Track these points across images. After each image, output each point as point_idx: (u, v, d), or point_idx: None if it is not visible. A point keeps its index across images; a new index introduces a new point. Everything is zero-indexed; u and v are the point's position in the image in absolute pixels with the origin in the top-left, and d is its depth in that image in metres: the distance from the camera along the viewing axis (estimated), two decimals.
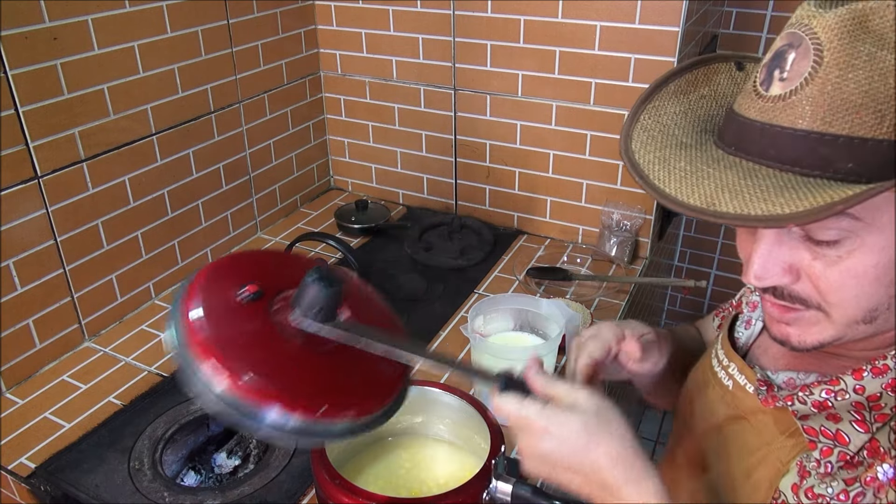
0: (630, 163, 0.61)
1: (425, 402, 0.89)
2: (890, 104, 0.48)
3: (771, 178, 0.52)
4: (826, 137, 0.49)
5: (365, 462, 0.88)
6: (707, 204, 0.52)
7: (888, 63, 0.48)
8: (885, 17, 0.48)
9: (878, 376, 0.57)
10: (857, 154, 0.49)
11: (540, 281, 1.43)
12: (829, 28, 0.49)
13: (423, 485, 0.85)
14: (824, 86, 0.49)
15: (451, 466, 0.87)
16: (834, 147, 0.49)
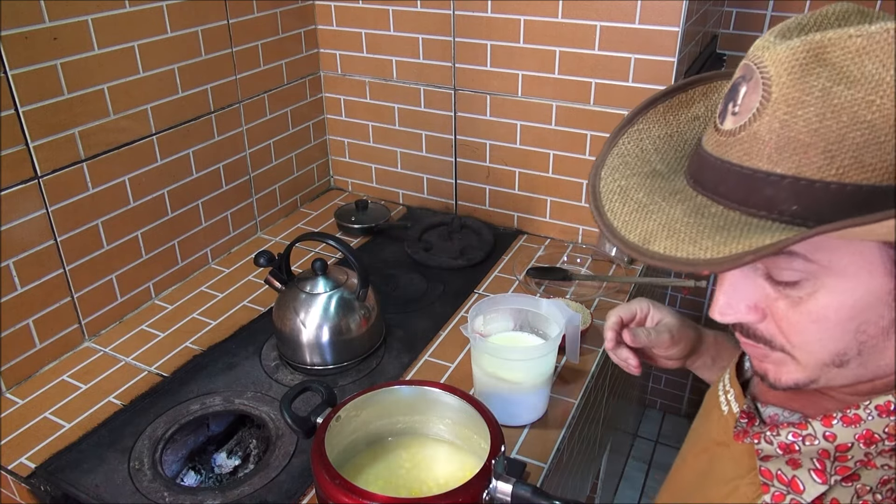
0: (592, 192, 0.59)
1: (425, 402, 0.89)
2: (841, 144, 0.45)
3: (716, 216, 0.50)
4: (771, 177, 0.47)
5: (365, 462, 0.88)
6: (643, 241, 0.51)
7: (843, 99, 0.44)
8: (846, 49, 0.44)
9: (849, 426, 0.54)
10: (803, 196, 0.46)
11: (540, 281, 1.43)
12: (778, 62, 0.46)
13: (424, 485, 0.85)
14: (771, 123, 0.47)
15: (451, 466, 0.87)
16: (778, 188, 0.47)
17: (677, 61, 1.31)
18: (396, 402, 0.89)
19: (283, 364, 1.21)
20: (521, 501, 0.74)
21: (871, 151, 0.44)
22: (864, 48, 0.44)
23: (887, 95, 0.43)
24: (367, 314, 1.19)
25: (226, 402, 1.12)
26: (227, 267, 1.51)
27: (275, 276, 1.18)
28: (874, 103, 0.44)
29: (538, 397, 1.07)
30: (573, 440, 1.15)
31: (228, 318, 1.34)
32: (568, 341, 1.11)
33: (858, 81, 0.44)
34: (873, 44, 0.44)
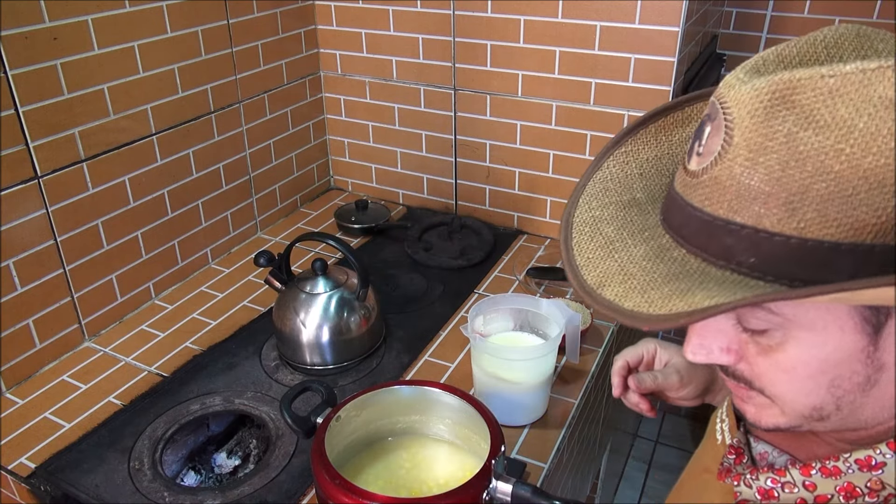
0: (565, 222, 0.57)
1: (425, 402, 0.89)
2: (804, 196, 0.41)
3: (675, 261, 0.48)
4: (731, 226, 0.44)
5: (365, 462, 0.88)
6: (598, 285, 0.49)
7: (809, 146, 0.41)
8: (817, 90, 0.40)
9: (828, 477, 0.52)
10: (762, 249, 0.43)
11: (540, 281, 1.43)
12: (742, 103, 0.43)
13: (424, 485, 0.85)
14: (732, 168, 0.43)
15: (451, 466, 0.87)
16: (738, 237, 0.44)
17: (677, 61, 1.31)
18: (396, 402, 0.89)
19: (283, 364, 1.21)
20: (521, 501, 0.74)
21: (836, 205, 0.40)
22: (836, 90, 0.40)
23: (858, 144, 0.39)
24: (367, 314, 1.19)
25: (226, 402, 1.12)
26: (227, 267, 1.51)
27: (275, 276, 1.18)
28: (843, 152, 0.40)
29: (538, 397, 1.07)
30: (573, 440, 1.15)
31: (228, 318, 1.34)
32: (568, 341, 1.11)
33: (828, 127, 0.40)
34: (847, 85, 0.40)
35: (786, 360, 0.48)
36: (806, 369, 0.48)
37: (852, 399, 0.49)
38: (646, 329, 0.45)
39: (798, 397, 0.50)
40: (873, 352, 0.46)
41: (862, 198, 0.40)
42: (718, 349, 0.51)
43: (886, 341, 0.46)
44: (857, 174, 0.40)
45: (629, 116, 1.40)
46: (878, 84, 0.39)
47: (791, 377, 0.49)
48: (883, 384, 0.48)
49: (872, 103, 0.39)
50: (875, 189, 0.40)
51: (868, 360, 0.47)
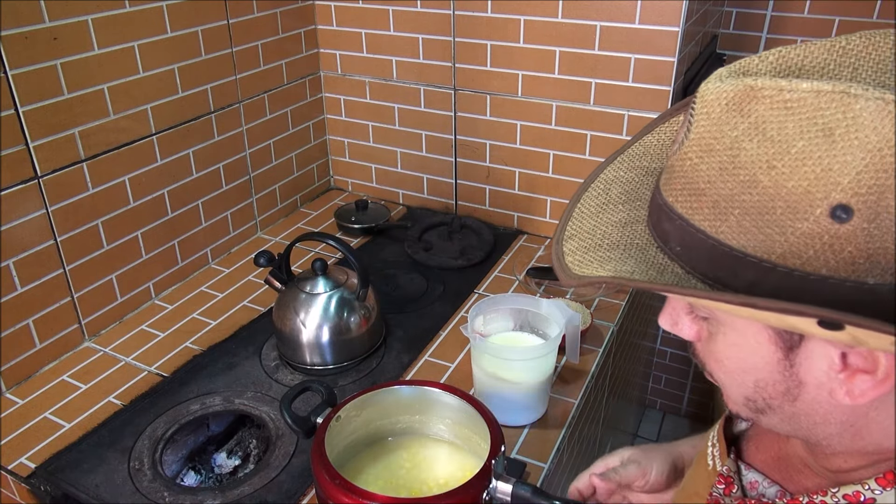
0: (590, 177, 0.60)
1: (425, 402, 0.89)
2: (730, 202, 0.42)
3: (634, 233, 0.51)
4: (671, 213, 0.47)
5: (365, 462, 0.88)
6: (569, 236, 0.53)
7: (748, 156, 0.41)
8: (774, 102, 0.40)
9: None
10: (686, 240, 0.45)
11: (540, 281, 1.43)
12: (705, 102, 0.44)
13: (424, 485, 0.85)
14: (683, 162, 0.45)
15: (451, 466, 0.87)
16: (672, 225, 0.47)
17: (677, 61, 1.31)
18: (396, 402, 0.89)
19: (283, 364, 1.21)
20: (521, 501, 0.74)
21: (753, 217, 0.42)
22: (790, 106, 0.40)
23: (788, 164, 0.40)
24: (367, 314, 1.19)
25: (226, 402, 1.12)
26: (227, 267, 1.51)
27: (275, 276, 1.18)
28: (774, 168, 0.40)
29: (538, 397, 1.07)
30: (573, 440, 1.15)
31: (228, 318, 1.34)
32: (568, 341, 1.11)
33: (771, 141, 0.40)
34: (800, 104, 0.39)
35: (717, 350, 0.51)
36: (730, 363, 0.50)
37: (780, 403, 0.49)
38: (563, 284, 0.50)
39: (731, 386, 0.52)
40: (789, 367, 0.47)
41: (777, 217, 0.41)
42: (684, 324, 0.54)
43: (804, 361, 0.46)
44: (780, 193, 0.40)
45: (629, 116, 1.40)
46: (826, 109, 0.39)
47: (720, 366, 0.52)
48: (807, 401, 0.48)
49: (816, 127, 0.39)
50: (789, 211, 0.40)
51: (786, 373, 0.47)
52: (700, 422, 2.36)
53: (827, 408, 0.47)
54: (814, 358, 0.45)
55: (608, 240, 0.52)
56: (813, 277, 0.40)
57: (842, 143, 0.38)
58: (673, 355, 2.30)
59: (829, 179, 0.38)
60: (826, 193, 0.39)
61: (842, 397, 0.45)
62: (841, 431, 0.49)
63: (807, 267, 0.40)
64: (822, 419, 0.48)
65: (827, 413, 0.48)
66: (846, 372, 0.44)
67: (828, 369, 0.45)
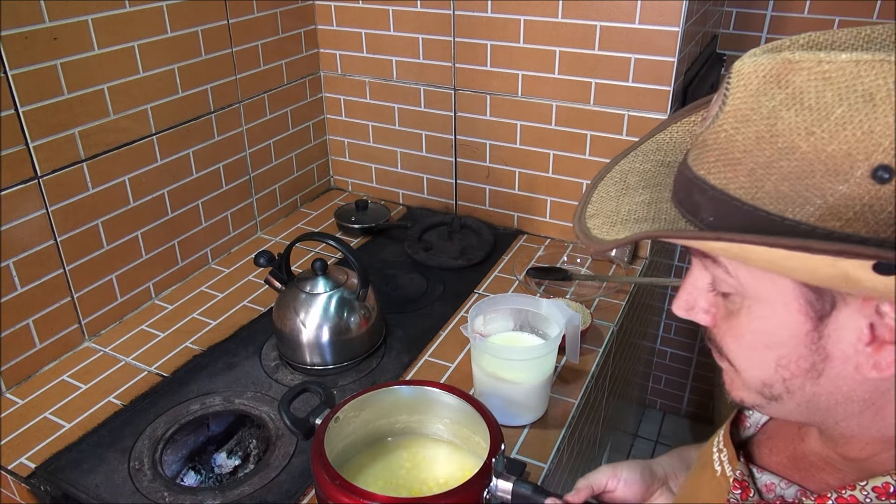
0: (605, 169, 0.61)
1: (424, 402, 0.89)
2: (768, 170, 0.44)
3: (659, 210, 0.52)
4: (704, 185, 0.48)
5: (364, 462, 0.88)
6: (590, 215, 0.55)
7: (786, 124, 0.43)
8: (812, 73, 0.42)
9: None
10: (720, 210, 0.47)
11: (540, 281, 1.43)
12: (742, 76, 0.46)
13: (424, 484, 0.85)
14: (718, 134, 0.47)
15: (450, 466, 0.87)
16: (704, 196, 0.48)
17: (677, 61, 1.31)
18: (395, 403, 0.89)
19: (283, 364, 1.21)
20: (522, 499, 0.74)
21: (791, 182, 0.43)
22: (828, 76, 0.42)
23: (828, 129, 0.41)
24: (367, 314, 1.19)
25: (226, 402, 1.12)
26: (227, 267, 1.51)
27: (275, 276, 1.18)
28: (813, 134, 0.42)
29: (538, 397, 1.07)
30: (573, 440, 1.15)
31: (228, 318, 1.34)
32: (568, 341, 1.11)
33: (810, 109, 0.42)
34: (839, 73, 0.41)
35: (738, 326, 0.51)
36: (752, 338, 0.50)
37: (801, 384, 0.49)
38: (591, 250, 0.52)
39: (749, 368, 0.52)
40: (818, 339, 0.47)
41: (816, 180, 0.42)
42: (700, 307, 0.54)
43: (832, 333, 0.46)
44: (819, 157, 0.42)
45: (629, 116, 1.40)
46: (865, 76, 0.40)
47: (740, 344, 0.51)
48: (832, 376, 0.48)
49: (855, 94, 0.41)
50: (829, 174, 0.41)
51: (813, 346, 0.47)
52: (700, 422, 2.36)
53: (851, 384, 0.48)
54: (843, 329, 0.46)
55: (634, 215, 0.53)
56: (853, 239, 0.41)
57: (883, 107, 0.40)
58: (673, 355, 2.30)
59: (870, 141, 0.40)
60: (867, 155, 0.40)
61: (868, 371, 0.46)
62: (862, 410, 0.49)
63: (846, 228, 0.41)
64: (845, 397, 0.49)
65: (850, 390, 0.48)
66: (874, 344, 0.45)
67: (856, 341, 0.45)
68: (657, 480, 0.80)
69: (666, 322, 2.25)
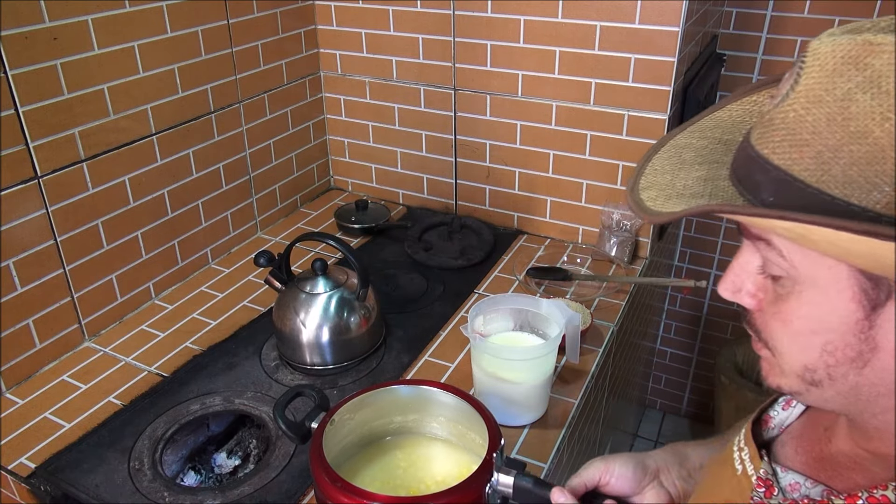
0: (658, 142, 0.61)
1: (419, 401, 0.89)
2: (837, 153, 0.43)
3: (715, 186, 0.52)
4: (766, 165, 0.47)
5: (361, 464, 0.88)
6: (644, 187, 0.55)
7: (861, 107, 0.42)
8: (893, 56, 0.41)
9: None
10: (781, 191, 0.46)
11: (540, 281, 1.43)
12: (818, 55, 0.45)
13: (422, 483, 0.85)
14: (787, 113, 0.46)
15: (448, 464, 0.87)
16: (766, 176, 0.47)
17: (677, 61, 1.31)
18: (390, 403, 0.89)
19: (283, 364, 1.21)
20: (523, 492, 0.74)
21: (861, 167, 0.42)
22: None
23: None
24: (367, 314, 1.19)
25: (226, 402, 1.12)
26: (227, 267, 1.51)
27: (275, 276, 1.18)
28: (889, 119, 0.41)
29: (538, 397, 1.07)
30: (573, 440, 1.15)
31: (228, 318, 1.34)
32: (568, 341, 1.11)
33: (887, 94, 0.41)
34: None
35: (787, 309, 0.50)
36: (801, 323, 0.49)
37: (844, 372, 0.49)
38: (645, 220, 0.51)
39: (792, 352, 0.51)
40: (868, 328, 0.47)
41: (887, 167, 0.41)
42: (746, 291, 0.53)
43: (884, 323, 0.46)
44: (893, 144, 0.41)
45: (629, 116, 1.40)
46: None
47: (786, 328, 0.51)
48: (877, 368, 0.48)
49: None
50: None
51: (862, 335, 0.47)
52: (700, 422, 2.36)
53: (894, 377, 0.48)
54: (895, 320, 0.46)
55: (690, 191, 0.52)
56: None
57: None
58: (673, 355, 2.30)
59: None
60: None
61: None
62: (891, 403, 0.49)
63: None
64: (887, 389, 0.48)
65: (892, 383, 0.48)
66: None
67: None
68: (649, 474, 0.79)
69: (666, 322, 2.25)
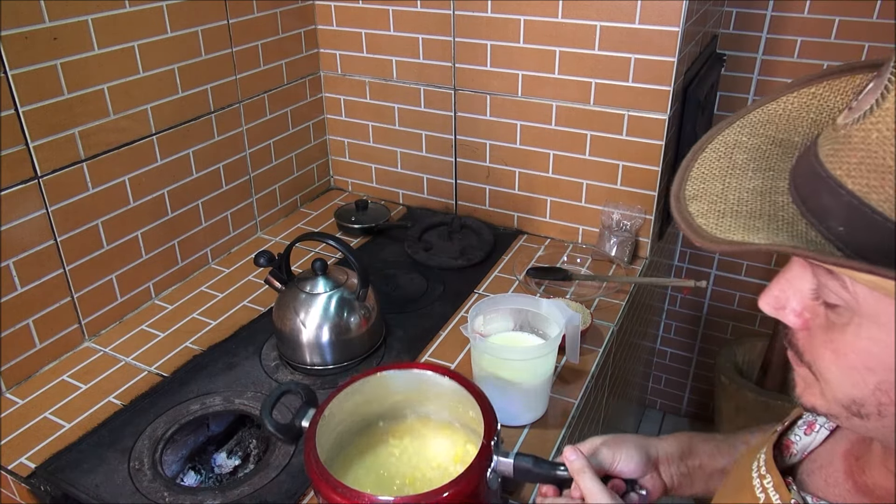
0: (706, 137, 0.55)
1: (409, 383, 0.87)
2: None
3: (773, 204, 0.47)
4: (838, 188, 0.41)
5: (354, 455, 0.87)
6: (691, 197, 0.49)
7: None
8: None
9: None
10: (854, 221, 0.40)
11: (540, 281, 1.43)
12: None
13: (417, 470, 0.84)
14: (869, 132, 0.39)
15: (444, 444, 0.86)
16: (838, 202, 0.41)
17: (677, 61, 1.31)
18: (379, 388, 0.87)
19: (283, 364, 1.21)
20: (524, 472, 0.74)
21: None
22: None
23: None
24: (367, 314, 1.19)
25: (226, 402, 1.12)
26: (227, 267, 1.51)
27: (275, 276, 1.18)
28: None
29: (538, 397, 1.07)
30: (573, 440, 1.15)
31: (228, 318, 1.34)
32: (568, 341, 1.11)
33: None
34: None
35: (842, 342, 0.46)
36: (856, 359, 0.45)
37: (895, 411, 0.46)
38: (697, 244, 0.45)
39: (842, 383, 0.47)
40: None
41: None
42: (792, 310, 0.49)
43: None
44: None
45: (629, 116, 1.40)
46: None
47: (839, 360, 0.47)
48: None
49: None
50: None
51: None
52: (700, 421, 2.36)
53: None
54: None
55: (746, 207, 0.47)
56: None
57: None
58: (673, 355, 2.30)
59: None
60: None
61: None
62: None
63: None
64: None
65: None
66: None
67: None
68: (650, 464, 0.79)
69: (666, 322, 2.25)
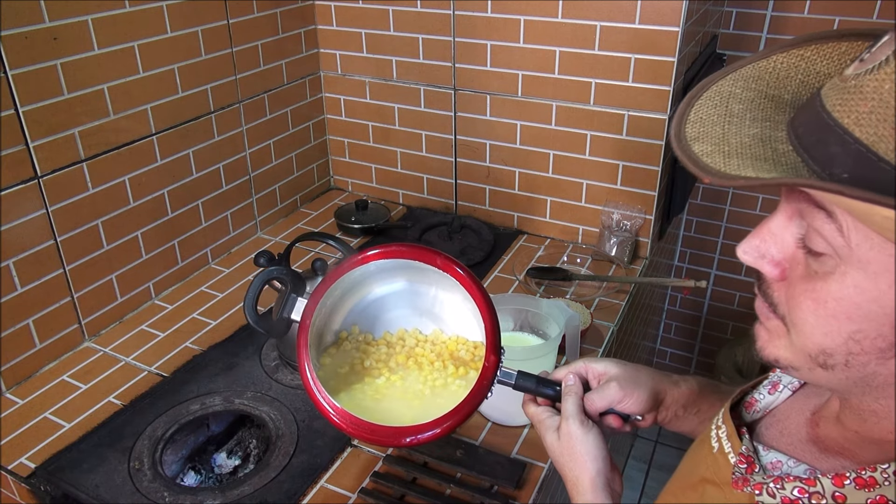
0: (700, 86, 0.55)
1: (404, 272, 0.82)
2: None
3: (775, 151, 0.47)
4: (846, 136, 0.42)
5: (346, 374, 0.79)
6: (693, 138, 0.49)
7: None
8: None
9: (862, 488, 0.49)
10: (859, 168, 0.41)
11: (540, 281, 1.43)
12: None
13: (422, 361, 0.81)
14: (882, 83, 0.40)
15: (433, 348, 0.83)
16: (845, 150, 0.42)
17: (677, 61, 1.31)
18: (372, 276, 0.81)
19: (283, 364, 1.21)
20: (524, 389, 0.77)
21: None
22: None
23: None
24: None
25: (226, 402, 1.12)
26: (227, 267, 1.51)
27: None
28: None
29: None
30: None
31: (228, 318, 1.34)
32: (568, 341, 1.11)
33: None
34: None
35: (824, 290, 0.46)
36: (836, 307, 0.46)
37: (865, 361, 0.47)
38: (706, 181, 0.45)
39: (815, 333, 0.48)
40: None
41: None
42: (771, 259, 0.50)
43: None
44: None
45: (629, 116, 1.40)
46: None
47: (819, 309, 0.47)
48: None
49: None
50: None
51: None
52: None
53: None
54: None
55: (750, 151, 0.47)
56: None
57: None
58: (673, 355, 2.30)
59: None
60: None
61: None
62: None
63: None
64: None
65: None
66: None
67: None
68: (655, 406, 0.80)
69: (666, 322, 2.25)
